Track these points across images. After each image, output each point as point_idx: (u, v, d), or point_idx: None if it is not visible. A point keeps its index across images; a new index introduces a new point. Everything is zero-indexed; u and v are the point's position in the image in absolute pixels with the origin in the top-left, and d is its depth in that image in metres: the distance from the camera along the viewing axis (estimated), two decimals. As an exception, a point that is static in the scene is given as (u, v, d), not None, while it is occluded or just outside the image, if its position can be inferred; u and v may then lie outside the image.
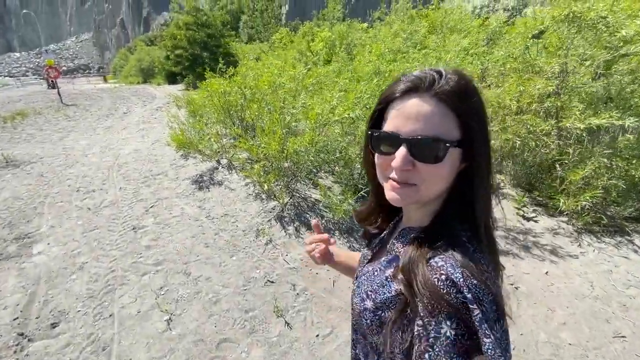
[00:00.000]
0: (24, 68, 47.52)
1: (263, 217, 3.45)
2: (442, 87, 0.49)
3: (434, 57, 4.98)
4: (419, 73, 0.51)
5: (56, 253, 2.92)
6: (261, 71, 7.21)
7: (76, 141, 7.45)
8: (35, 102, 15.60)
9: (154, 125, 9.01)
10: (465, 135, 0.50)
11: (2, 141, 7.54)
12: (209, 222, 3.43)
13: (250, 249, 2.94)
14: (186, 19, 20.20)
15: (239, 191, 4.13)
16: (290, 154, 3.32)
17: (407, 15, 10.18)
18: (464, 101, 0.49)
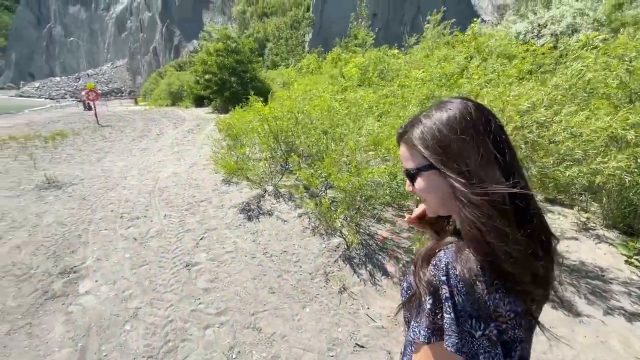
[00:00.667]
0: (63, 91, 50.42)
1: (328, 257, 3.04)
2: (408, 136, 0.70)
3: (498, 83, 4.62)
4: (402, 126, 0.74)
5: (106, 294, 2.58)
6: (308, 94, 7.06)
7: (114, 163, 7.39)
8: (73, 123, 16.16)
9: (188, 148, 8.94)
10: (430, 161, 0.65)
11: (44, 161, 7.58)
12: (268, 260, 3.05)
13: (323, 299, 2.51)
14: (217, 46, 20.92)
15: (292, 223, 3.76)
16: (363, 186, 2.95)
17: (444, 40, 10.00)
18: (423, 142, 0.66)
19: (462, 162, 0.62)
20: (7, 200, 4.94)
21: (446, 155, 0.63)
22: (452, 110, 0.65)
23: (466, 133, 0.62)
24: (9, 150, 8.83)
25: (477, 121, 0.63)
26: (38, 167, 7.03)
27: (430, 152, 0.64)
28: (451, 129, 0.63)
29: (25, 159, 7.73)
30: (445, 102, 0.68)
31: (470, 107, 0.65)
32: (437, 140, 0.64)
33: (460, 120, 0.63)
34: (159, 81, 34.77)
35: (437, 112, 0.67)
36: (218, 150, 6.38)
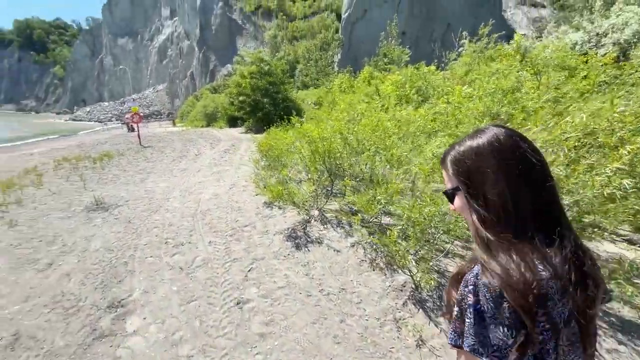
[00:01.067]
0: (110, 115, 54.64)
1: (394, 299, 2.65)
2: (444, 160, 0.76)
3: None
4: (444, 152, 0.79)
5: (155, 335, 2.36)
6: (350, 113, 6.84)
7: (156, 183, 7.49)
8: (118, 144, 17.11)
9: (226, 168, 8.97)
10: (459, 183, 0.72)
11: (93, 181, 7.86)
12: (326, 300, 2.71)
13: (399, 354, 2.12)
14: (250, 68, 21.65)
15: (346, 255, 3.41)
16: (435, 216, 2.57)
17: (486, 55, 9.53)
18: (455, 166, 0.72)
19: (482, 187, 0.66)
20: (60, 221, 5.02)
21: (470, 179, 0.69)
22: (482, 138, 0.69)
23: (490, 160, 0.66)
24: (62, 171, 9.33)
25: (505, 149, 0.66)
26: (87, 187, 7.27)
27: (457, 175, 0.72)
28: (477, 155, 0.68)
29: (76, 179, 8.06)
30: (481, 129, 0.72)
31: (502, 134, 0.68)
32: (463, 165, 0.70)
33: (487, 147, 0.67)
34: (195, 103, 36.58)
35: (469, 139, 0.72)
36: (259, 172, 6.26)
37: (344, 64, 34.83)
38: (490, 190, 0.65)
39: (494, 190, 0.65)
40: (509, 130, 0.69)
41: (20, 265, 3.55)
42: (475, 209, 0.67)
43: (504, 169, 0.65)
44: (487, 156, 0.66)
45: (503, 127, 0.70)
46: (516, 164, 0.65)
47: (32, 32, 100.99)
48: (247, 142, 15.67)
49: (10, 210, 5.68)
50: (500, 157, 0.65)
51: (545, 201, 0.65)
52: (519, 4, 37.16)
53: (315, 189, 4.58)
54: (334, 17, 47.30)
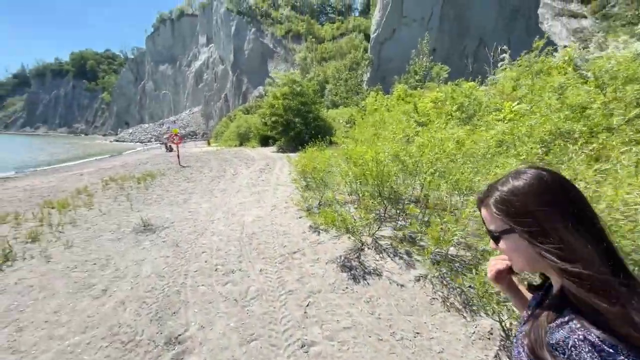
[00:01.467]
0: (149, 135, 58.32)
1: (482, 349, 2.28)
2: (487, 202, 0.74)
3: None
4: (480, 192, 0.78)
5: (218, 382, 2.16)
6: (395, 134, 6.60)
7: (199, 204, 7.57)
8: (158, 164, 17.94)
9: (265, 189, 8.96)
10: (512, 225, 0.68)
11: (138, 202, 8.10)
12: (401, 346, 2.39)
13: None
14: (283, 90, 22.20)
15: (412, 291, 3.08)
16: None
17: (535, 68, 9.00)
18: (502, 206, 0.69)
19: (548, 231, 0.63)
20: (111, 243, 5.11)
21: (528, 223, 0.65)
22: (527, 179, 0.68)
23: (542, 199, 0.65)
24: (110, 191, 9.77)
25: (556, 191, 0.65)
26: (134, 208, 7.48)
27: (511, 217, 0.68)
28: (526, 195, 0.67)
29: (122, 200, 8.36)
30: (522, 171, 0.71)
31: (546, 175, 0.68)
32: (517, 208, 0.67)
33: (536, 186, 0.66)
34: (228, 124, 38.03)
35: (514, 180, 0.70)
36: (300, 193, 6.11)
37: (372, 82, 34.97)
38: (555, 228, 0.62)
39: (556, 228, 0.62)
40: (550, 171, 0.69)
41: (77, 290, 3.54)
42: (547, 249, 0.63)
43: (559, 208, 0.63)
44: (538, 196, 0.65)
45: (543, 169, 0.70)
46: (568, 203, 0.64)
47: (85, 63, 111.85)
48: (281, 161, 15.82)
49: (65, 231, 5.90)
50: (551, 196, 0.64)
51: (606, 243, 0.62)
52: (557, 15, 35.80)
53: (368, 214, 4.32)
54: (362, 38, 48.17)
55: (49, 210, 7.41)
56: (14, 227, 6.19)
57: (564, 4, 38.23)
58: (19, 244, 5.22)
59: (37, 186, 11.73)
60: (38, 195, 9.79)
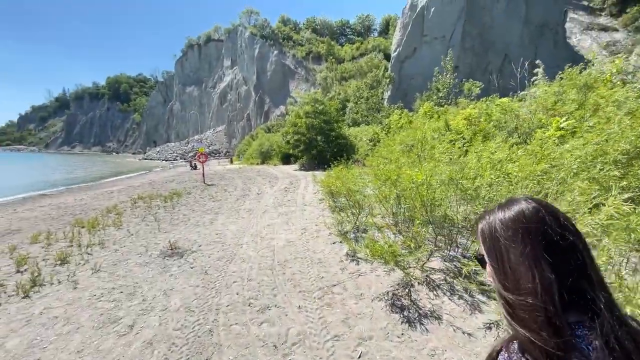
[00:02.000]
0: (175, 154, 60.35)
1: None
2: (475, 227, 0.78)
3: None
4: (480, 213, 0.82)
5: None
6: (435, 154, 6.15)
7: (225, 226, 7.32)
8: (184, 182, 18.17)
9: (292, 209, 8.63)
10: (487, 254, 0.73)
11: (165, 222, 7.97)
12: None
13: None
14: (306, 108, 22.29)
15: (484, 342, 2.56)
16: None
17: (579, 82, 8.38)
18: (483, 236, 0.74)
19: (505, 259, 0.67)
20: (138, 268, 4.87)
21: (494, 251, 0.70)
22: (510, 211, 0.70)
23: (515, 236, 0.66)
24: (138, 210, 9.76)
25: (530, 225, 0.66)
26: (161, 229, 7.33)
27: (485, 246, 0.73)
28: (502, 229, 0.69)
29: (150, 219, 8.26)
30: (513, 200, 0.73)
31: (528, 209, 0.68)
32: (490, 237, 0.72)
33: (512, 222, 0.68)
34: (251, 142, 38.63)
35: (499, 210, 0.73)
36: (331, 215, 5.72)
37: (393, 100, 34.74)
38: (515, 268, 0.65)
39: (518, 267, 0.65)
40: (538, 204, 0.69)
41: (103, 325, 3.26)
42: (502, 292, 0.67)
43: (531, 249, 0.64)
44: (512, 232, 0.67)
45: (534, 201, 0.70)
46: (542, 241, 0.64)
47: (119, 86, 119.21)
48: (304, 179, 15.58)
49: (94, 252, 5.75)
50: (524, 233, 0.66)
51: (577, 284, 0.63)
52: (586, 30, 34.67)
53: (415, 243, 3.85)
54: (381, 57, 48.55)
55: (79, 230, 7.38)
56: (44, 248, 6.13)
57: (593, 18, 37.05)
58: (48, 266, 5.09)
59: (69, 204, 12.00)
60: (70, 214, 9.92)
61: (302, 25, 69.12)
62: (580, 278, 0.63)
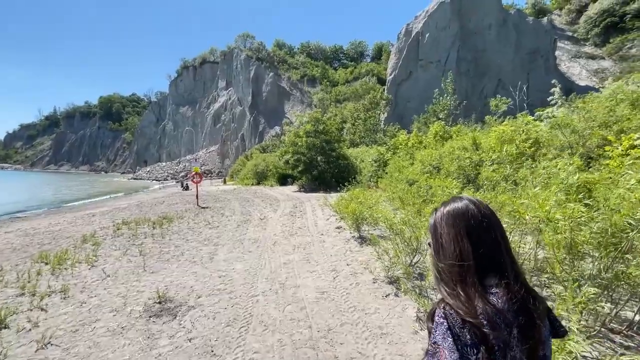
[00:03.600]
0: (166, 174, 58.09)
1: None
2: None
3: None
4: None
5: None
6: None
7: (229, 263, 5.73)
8: (175, 203, 16.39)
9: (307, 240, 7.10)
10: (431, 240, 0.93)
11: (153, 256, 6.30)
12: None
13: None
14: (307, 127, 21.17)
15: None
16: None
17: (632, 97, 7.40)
18: (430, 226, 0.94)
19: (439, 239, 0.88)
20: (110, 340, 3.24)
21: (434, 235, 0.90)
22: (448, 207, 0.90)
23: (448, 224, 0.87)
24: (121, 238, 8.06)
25: (458, 215, 0.87)
26: (147, 266, 5.68)
27: (430, 233, 0.93)
28: (442, 218, 0.89)
29: (134, 253, 6.60)
30: (455, 198, 0.93)
31: (461, 204, 0.89)
32: (433, 225, 0.92)
33: (449, 213, 0.89)
34: (245, 162, 37.12)
35: (442, 206, 0.93)
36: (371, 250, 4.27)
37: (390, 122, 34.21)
38: (446, 244, 0.86)
39: (449, 243, 0.86)
40: (469, 201, 0.89)
41: None
42: (435, 262, 0.89)
43: (456, 230, 0.85)
44: (446, 220, 0.88)
45: (466, 198, 0.90)
46: (465, 225, 0.85)
47: (112, 106, 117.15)
48: (309, 202, 14.09)
49: (50, 308, 4.09)
50: (453, 221, 0.87)
51: (490, 255, 0.84)
52: (575, 57, 35.44)
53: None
54: (375, 81, 48.75)
55: (40, 268, 5.67)
56: (-17, 300, 4.41)
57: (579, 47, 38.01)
58: (-25, 336, 3.41)
59: (41, 229, 10.13)
60: (37, 243, 8.12)
61: (297, 50, 69.95)
62: (494, 249, 0.84)
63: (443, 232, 0.87)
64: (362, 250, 5.89)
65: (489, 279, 0.82)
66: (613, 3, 36.42)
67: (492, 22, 33.68)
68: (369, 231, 6.62)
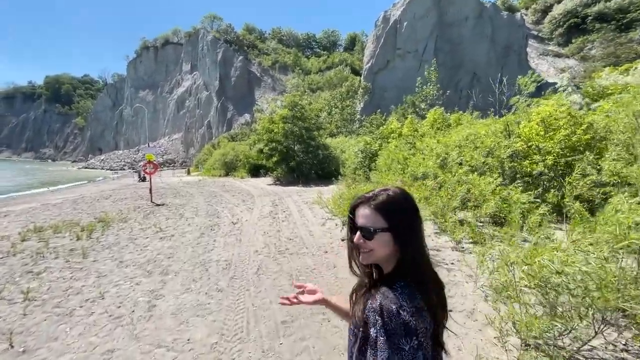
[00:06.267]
0: (122, 163, 51.75)
1: None
2: (370, 202, 0.86)
3: None
4: (368, 194, 0.88)
5: None
6: None
7: (182, 324, 3.16)
8: (124, 199, 13.01)
9: (309, 263, 4.69)
10: (389, 226, 0.83)
11: (45, 305, 3.53)
12: None
13: None
14: (283, 112, 18.43)
15: None
16: None
17: None
18: (387, 210, 0.84)
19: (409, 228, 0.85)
20: None
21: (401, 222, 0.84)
22: (398, 193, 0.87)
23: (412, 210, 0.86)
24: (13, 259, 5.07)
25: (412, 201, 0.88)
26: (21, 336, 2.95)
27: (389, 218, 0.84)
28: (402, 203, 0.86)
29: (16, 295, 3.76)
30: (390, 188, 0.89)
31: (407, 193, 0.89)
32: (393, 212, 0.85)
33: (406, 200, 0.87)
34: (212, 152, 33.40)
35: (391, 191, 0.88)
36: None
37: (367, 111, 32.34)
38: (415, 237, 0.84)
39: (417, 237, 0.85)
40: (403, 189, 0.90)
41: None
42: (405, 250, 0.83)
43: (418, 220, 0.86)
44: (410, 207, 0.86)
45: (400, 188, 0.90)
46: (418, 216, 0.87)
47: (60, 87, 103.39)
48: (289, 198, 11.54)
49: None
50: (415, 209, 0.87)
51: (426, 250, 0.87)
52: (543, 55, 35.79)
53: None
54: (349, 70, 46.55)
55: None
56: None
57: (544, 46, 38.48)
58: None
59: None
60: None
61: (268, 35, 65.60)
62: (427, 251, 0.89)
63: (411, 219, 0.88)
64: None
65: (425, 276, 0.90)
66: (576, 5, 37.15)
67: (469, 14, 32.71)
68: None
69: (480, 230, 5.35)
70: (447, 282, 3.86)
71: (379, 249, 0.84)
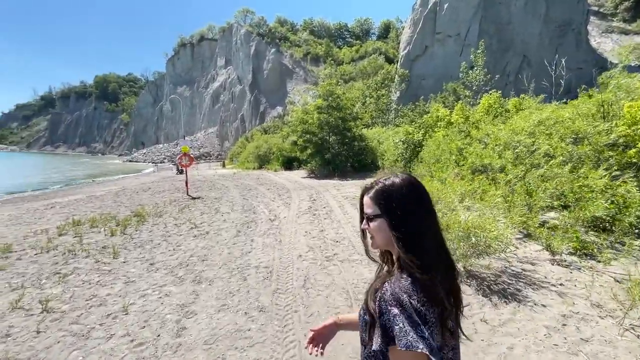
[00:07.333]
0: (162, 156, 54.17)
1: None
2: (370, 190, 0.85)
3: None
4: (368, 183, 0.88)
5: None
6: None
7: (216, 357, 2.42)
8: (161, 191, 12.94)
9: (366, 273, 3.81)
10: (382, 212, 0.81)
11: (64, 320, 2.98)
12: None
13: None
14: (318, 102, 17.52)
15: None
16: None
17: None
18: (381, 197, 0.81)
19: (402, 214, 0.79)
20: None
21: (393, 209, 0.80)
22: (402, 179, 0.83)
23: (412, 197, 0.81)
24: (46, 256, 4.72)
25: (420, 191, 0.82)
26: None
27: (382, 206, 0.82)
28: (400, 193, 0.81)
29: (35, 303, 3.26)
30: (395, 173, 0.87)
31: (413, 179, 0.84)
32: (389, 198, 0.81)
33: (408, 186, 0.82)
34: (246, 145, 33.46)
35: (394, 178, 0.84)
36: None
37: (402, 101, 30.45)
38: (410, 223, 0.78)
39: (412, 223, 0.78)
40: (415, 177, 0.86)
41: None
42: (397, 236, 0.78)
43: (417, 204, 0.80)
44: (409, 194, 0.81)
45: (411, 175, 0.86)
46: (424, 202, 0.81)
47: (107, 86, 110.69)
48: (327, 192, 10.67)
49: None
50: (417, 196, 0.81)
51: (442, 238, 0.82)
52: (605, 32, 31.41)
53: None
54: (383, 59, 44.43)
55: None
56: None
57: (608, 23, 33.72)
58: None
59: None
60: None
61: (300, 27, 64.60)
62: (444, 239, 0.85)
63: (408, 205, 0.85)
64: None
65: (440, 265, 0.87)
66: (649, -27, 32.04)
67: (519, -11, 29.33)
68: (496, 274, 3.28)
69: (584, 239, 4.12)
70: (566, 314, 2.77)
71: (376, 234, 0.84)
